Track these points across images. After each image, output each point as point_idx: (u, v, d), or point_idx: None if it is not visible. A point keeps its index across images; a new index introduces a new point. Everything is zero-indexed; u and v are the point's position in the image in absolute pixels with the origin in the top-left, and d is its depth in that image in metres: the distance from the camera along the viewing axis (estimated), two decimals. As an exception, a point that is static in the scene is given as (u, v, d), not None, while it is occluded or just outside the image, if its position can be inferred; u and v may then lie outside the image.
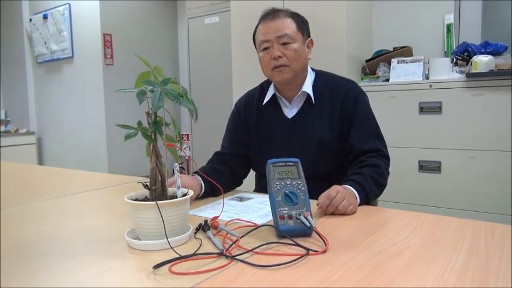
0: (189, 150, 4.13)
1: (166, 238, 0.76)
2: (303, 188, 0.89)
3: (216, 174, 1.22)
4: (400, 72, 2.62)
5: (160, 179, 0.83)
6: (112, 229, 0.94)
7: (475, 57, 2.34)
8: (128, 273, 0.69)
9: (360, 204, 1.10)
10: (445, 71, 2.46)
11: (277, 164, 0.92)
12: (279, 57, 1.27)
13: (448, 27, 2.79)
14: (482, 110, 2.29)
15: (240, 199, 1.21)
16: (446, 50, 2.82)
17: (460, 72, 2.46)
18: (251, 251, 0.75)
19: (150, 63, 0.83)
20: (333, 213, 1.01)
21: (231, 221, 0.96)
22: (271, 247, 0.78)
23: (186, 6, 3.99)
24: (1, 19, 4.81)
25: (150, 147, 0.83)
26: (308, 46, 1.35)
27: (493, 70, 2.28)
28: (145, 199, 0.86)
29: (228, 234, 0.85)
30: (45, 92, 4.64)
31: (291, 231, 0.82)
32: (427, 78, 2.54)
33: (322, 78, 1.38)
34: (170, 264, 0.69)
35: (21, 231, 0.95)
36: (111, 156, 4.08)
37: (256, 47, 1.37)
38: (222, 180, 1.17)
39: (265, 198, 1.16)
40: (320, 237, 0.81)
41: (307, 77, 1.36)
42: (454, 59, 2.57)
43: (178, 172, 0.87)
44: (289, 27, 1.28)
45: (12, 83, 4.85)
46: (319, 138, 1.32)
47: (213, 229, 0.88)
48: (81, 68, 4.22)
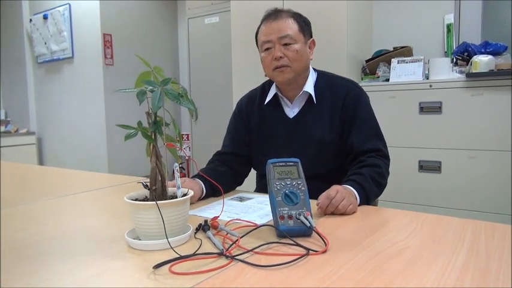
0: (189, 150, 4.13)
1: (167, 238, 0.76)
2: (303, 188, 0.89)
3: (217, 175, 1.22)
4: (400, 72, 2.62)
5: (160, 179, 0.83)
6: (112, 229, 0.94)
7: (475, 57, 2.34)
8: (128, 273, 0.69)
9: (360, 204, 1.10)
10: (445, 71, 2.46)
11: (277, 164, 0.92)
12: (280, 57, 1.27)
13: (448, 27, 2.79)
14: (482, 110, 2.29)
15: (240, 199, 1.21)
16: (446, 50, 2.82)
17: (460, 72, 2.46)
18: (251, 251, 0.75)
19: (150, 63, 0.83)
20: (332, 213, 1.01)
21: (231, 221, 0.96)
22: (271, 247, 0.78)
23: (186, 6, 3.99)
24: (1, 19, 4.81)
25: (150, 147, 0.83)
26: (310, 46, 1.35)
27: (493, 70, 2.28)
28: (145, 199, 0.86)
29: (228, 234, 0.85)
30: (45, 92, 4.64)
31: (291, 231, 0.82)
32: (427, 78, 2.54)
33: (324, 78, 1.38)
34: (170, 264, 0.69)
35: (22, 231, 0.95)
36: (111, 156, 4.08)
37: (258, 47, 1.38)
38: (223, 181, 1.17)
39: (265, 198, 1.16)
40: (320, 237, 0.81)
41: (308, 77, 1.36)
42: (454, 59, 2.57)
43: (178, 172, 0.87)
44: (291, 28, 1.28)
45: (13, 83, 4.85)
46: (320, 138, 1.32)
47: (213, 229, 0.88)
48: (81, 68, 4.22)
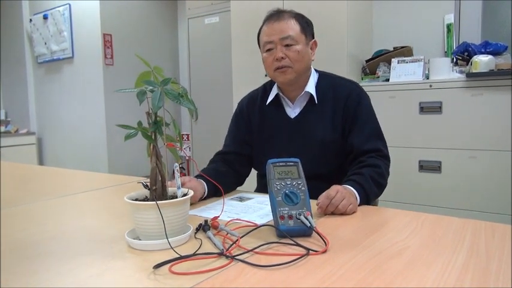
0: (189, 150, 4.13)
1: (167, 238, 0.76)
2: (303, 188, 0.89)
3: (219, 176, 1.22)
4: (400, 72, 2.62)
5: (160, 179, 0.83)
6: (112, 229, 0.94)
7: (475, 57, 2.34)
8: (128, 273, 0.69)
9: (360, 204, 1.10)
10: (445, 70, 2.46)
11: (278, 164, 0.92)
12: (282, 58, 1.28)
13: (448, 27, 2.79)
14: (482, 110, 2.29)
15: (240, 199, 1.21)
16: (446, 50, 2.82)
17: (460, 72, 2.46)
18: (251, 251, 0.75)
19: (150, 63, 0.83)
20: (333, 213, 1.01)
21: (231, 221, 0.96)
22: (272, 247, 0.78)
23: (186, 6, 3.99)
24: (1, 19, 4.81)
25: (150, 147, 0.83)
26: (312, 47, 1.36)
27: (493, 70, 2.28)
28: (145, 199, 0.86)
29: (228, 234, 0.85)
30: (45, 92, 4.64)
31: (291, 231, 0.82)
32: (427, 78, 2.54)
33: (325, 79, 1.39)
34: (170, 264, 0.69)
35: (22, 231, 0.95)
36: (111, 156, 4.08)
37: (260, 48, 1.38)
38: (224, 181, 1.18)
39: (265, 198, 1.16)
40: (320, 237, 0.81)
41: (310, 78, 1.36)
42: (454, 59, 2.57)
43: (179, 172, 0.87)
44: (293, 28, 1.29)
45: (13, 83, 4.85)
46: (321, 138, 1.32)
47: (213, 229, 0.88)
48: (81, 68, 4.22)
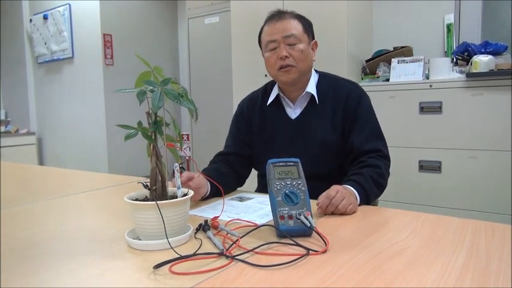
0: (189, 150, 4.13)
1: (167, 238, 0.76)
2: (303, 188, 0.89)
3: (221, 176, 1.22)
4: (400, 72, 2.62)
5: (160, 179, 0.83)
6: (112, 229, 0.94)
7: (475, 57, 2.34)
8: (128, 273, 0.69)
9: (360, 205, 1.10)
10: (445, 70, 2.46)
11: (278, 164, 0.92)
12: (286, 57, 1.28)
13: (448, 27, 2.79)
14: (482, 110, 2.29)
15: (240, 199, 1.21)
16: (446, 49, 2.82)
17: (460, 72, 2.46)
18: (251, 251, 0.75)
19: (150, 63, 0.83)
20: (333, 213, 1.01)
21: (231, 221, 0.96)
22: (272, 247, 0.78)
23: (186, 6, 3.99)
24: (1, 19, 4.82)
25: (151, 147, 0.83)
26: (312, 48, 1.36)
27: (493, 70, 2.28)
28: (145, 199, 0.86)
29: (228, 234, 0.85)
30: (45, 92, 4.64)
31: (291, 231, 0.82)
32: (427, 78, 2.54)
33: (325, 80, 1.39)
34: (170, 264, 0.69)
35: (23, 231, 0.95)
36: (111, 156, 4.08)
37: (261, 49, 1.38)
38: (226, 181, 1.18)
39: (265, 198, 1.16)
40: (320, 237, 0.81)
41: (310, 78, 1.36)
42: (454, 59, 2.57)
43: (179, 172, 0.87)
44: (296, 28, 1.29)
45: (13, 83, 4.85)
46: (322, 139, 1.32)
47: (213, 229, 0.88)
48: (82, 68, 4.22)
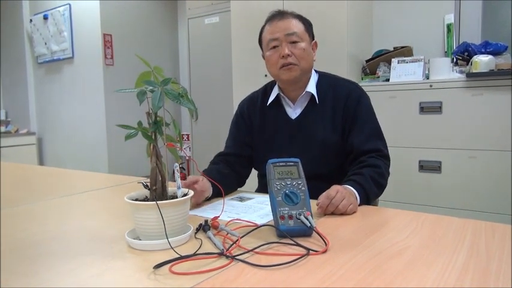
0: (189, 150, 4.13)
1: (167, 238, 0.76)
2: (303, 188, 0.89)
3: (222, 177, 1.22)
4: (401, 72, 2.62)
5: (160, 179, 0.83)
6: (112, 229, 0.94)
7: (475, 57, 2.34)
8: (128, 273, 0.69)
9: (360, 205, 1.10)
10: (445, 70, 2.46)
11: (278, 164, 0.92)
12: (288, 55, 1.28)
13: (448, 27, 2.79)
14: (482, 110, 2.29)
15: (241, 199, 1.21)
16: (446, 49, 2.82)
17: (460, 72, 2.46)
18: (251, 251, 0.75)
19: (150, 63, 0.83)
20: (333, 213, 1.01)
21: (231, 221, 0.96)
22: (272, 247, 0.78)
23: (186, 6, 3.99)
24: (1, 19, 4.81)
25: (151, 147, 0.83)
26: (313, 48, 1.37)
27: (493, 70, 2.28)
28: (145, 199, 0.86)
29: (229, 234, 0.85)
30: (45, 92, 4.64)
31: (291, 231, 0.82)
32: (427, 78, 2.54)
33: (325, 79, 1.39)
34: (170, 264, 0.69)
35: (23, 231, 0.95)
36: (111, 156, 4.08)
37: (262, 48, 1.38)
38: (227, 182, 1.18)
39: (265, 198, 1.16)
40: (320, 237, 0.81)
41: (311, 78, 1.37)
42: (454, 59, 2.57)
43: (179, 172, 0.87)
44: (297, 26, 1.30)
45: (13, 83, 4.85)
46: (322, 139, 1.32)
47: (214, 229, 0.88)
48: (82, 68, 4.22)
